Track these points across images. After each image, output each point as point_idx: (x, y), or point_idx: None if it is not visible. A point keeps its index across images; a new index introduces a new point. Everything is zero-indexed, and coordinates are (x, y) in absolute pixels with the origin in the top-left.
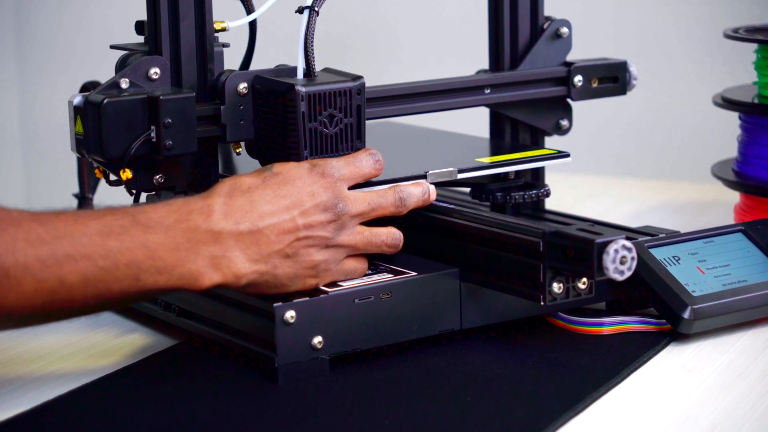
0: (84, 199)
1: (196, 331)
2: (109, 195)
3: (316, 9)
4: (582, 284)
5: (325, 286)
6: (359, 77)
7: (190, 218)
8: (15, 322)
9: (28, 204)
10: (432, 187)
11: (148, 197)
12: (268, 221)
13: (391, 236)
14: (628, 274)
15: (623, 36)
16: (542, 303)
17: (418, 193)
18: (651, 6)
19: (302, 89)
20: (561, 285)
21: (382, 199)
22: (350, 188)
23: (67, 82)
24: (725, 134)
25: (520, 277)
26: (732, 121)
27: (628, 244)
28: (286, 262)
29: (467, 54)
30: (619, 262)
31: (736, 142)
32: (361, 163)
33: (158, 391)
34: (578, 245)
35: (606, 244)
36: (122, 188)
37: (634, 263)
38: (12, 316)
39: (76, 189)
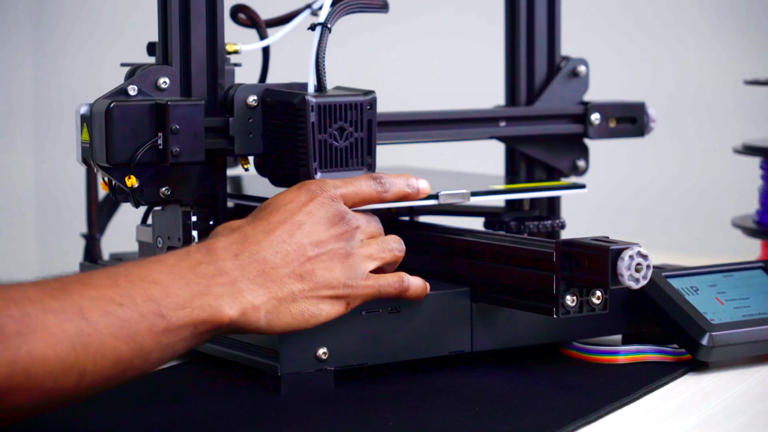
0: (92, 239)
1: (200, 348)
2: (116, 235)
3: (329, 26)
4: (596, 299)
5: None
6: (371, 92)
7: (190, 256)
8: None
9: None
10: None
11: (153, 214)
12: (267, 248)
13: (398, 241)
14: (643, 282)
15: (639, 81)
16: (555, 316)
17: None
18: (669, 53)
19: (312, 99)
20: (574, 297)
21: (371, 218)
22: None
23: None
24: (745, 184)
25: (532, 291)
26: (753, 170)
27: (643, 251)
28: (302, 285)
29: (483, 91)
30: (634, 269)
31: (756, 193)
32: (361, 185)
33: (159, 401)
34: (592, 253)
35: (621, 251)
36: (131, 226)
37: (650, 272)
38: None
39: (84, 229)
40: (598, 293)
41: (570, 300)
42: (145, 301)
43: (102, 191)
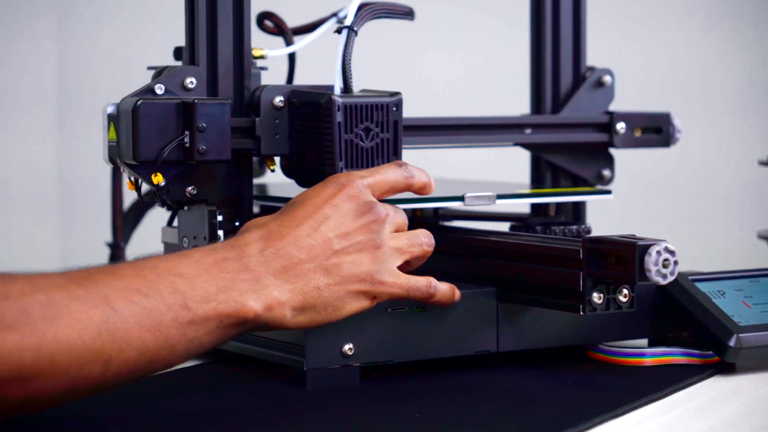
0: (117, 247)
1: (224, 347)
2: (141, 244)
3: (355, 29)
4: (623, 296)
5: None
6: (397, 93)
7: (216, 252)
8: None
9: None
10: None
11: (179, 214)
12: (291, 243)
13: (427, 236)
14: (670, 278)
15: (664, 92)
16: (582, 313)
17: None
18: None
19: (339, 99)
20: (601, 295)
21: (398, 210)
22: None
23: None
24: None
25: (559, 289)
26: None
27: (671, 247)
28: (329, 279)
29: (508, 100)
30: (661, 265)
31: None
32: (387, 173)
33: (184, 394)
34: (620, 249)
35: (648, 246)
36: (156, 235)
37: (677, 268)
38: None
39: (108, 238)
40: (625, 291)
41: (597, 297)
42: (170, 293)
43: (127, 201)
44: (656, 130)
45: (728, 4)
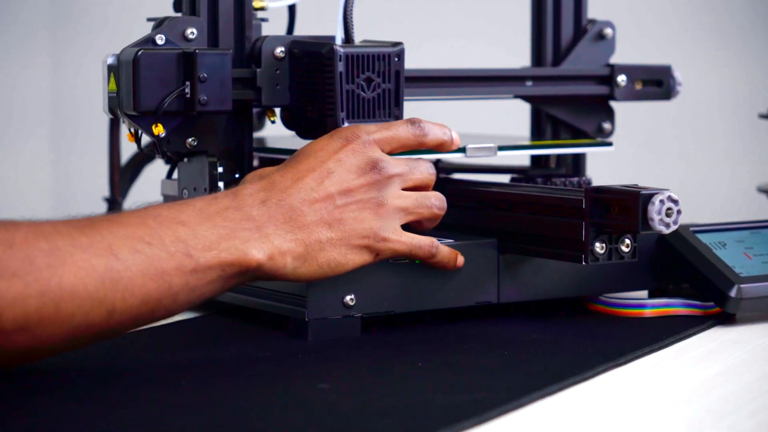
0: (114, 202)
1: (223, 298)
2: (139, 199)
3: None
4: (625, 246)
5: None
6: (399, 43)
7: (218, 201)
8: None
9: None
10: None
11: (179, 166)
12: (294, 194)
13: (439, 198)
14: (673, 227)
15: (662, 43)
16: (584, 263)
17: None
18: (695, 11)
19: (341, 49)
20: (603, 245)
21: (416, 164)
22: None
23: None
24: None
25: (561, 239)
26: None
27: (674, 196)
28: (331, 233)
29: (509, 52)
30: (665, 214)
31: None
32: (398, 130)
33: (185, 346)
34: (623, 198)
35: (651, 195)
36: (153, 190)
37: (680, 217)
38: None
39: (106, 192)
40: (627, 241)
41: (599, 247)
42: (173, 242)
43: (124, 156)
44: (657, 83)
45: None
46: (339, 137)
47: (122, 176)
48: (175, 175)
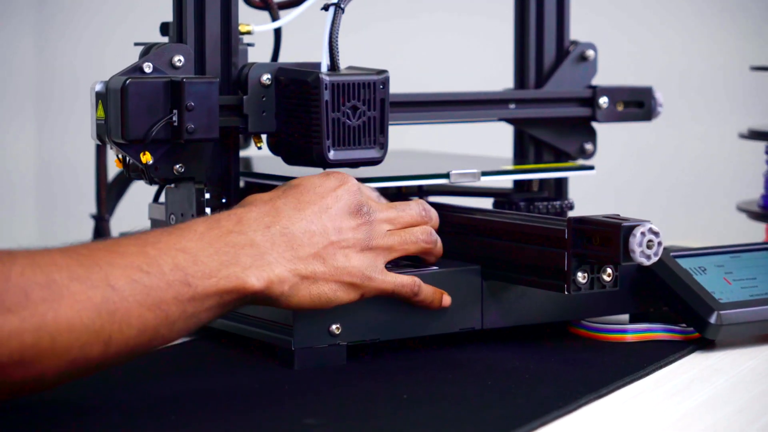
0: (101, 220)
1: (212, 324)
2: (126, 215)
3: (342, 6)
4: (607, 276)
5: None
6: (384, 71)
7: (221, 224)
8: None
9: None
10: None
11: (166, 191)
12: (297, 224)
13: (425, 232)
14: (654, 259)
15: (645, 68)
16: (567, 293)
17: (437, 216)
18: (674, 39)
19: (326, 78)
20: (585, 275)
21: (406, 206)
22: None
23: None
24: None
25: (543, 268)
26: (758, 155)
27: (654, 228)
28: (324, 267)
29: (492, 75)
30: (646, 245)
31: (761, 178)
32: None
33: (172, 375)
34: (604, 229)
35: (633, 227)
36: (140, 206)
37: (661, 249)
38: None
39: (92, 209)
40: (609, 270)
41: (581, 277)
42: (171, 270)
43: (111, 172)
44: (638, 104)
45: None
46: (334, 177)
47: (109, 193)
48: (162, 199)
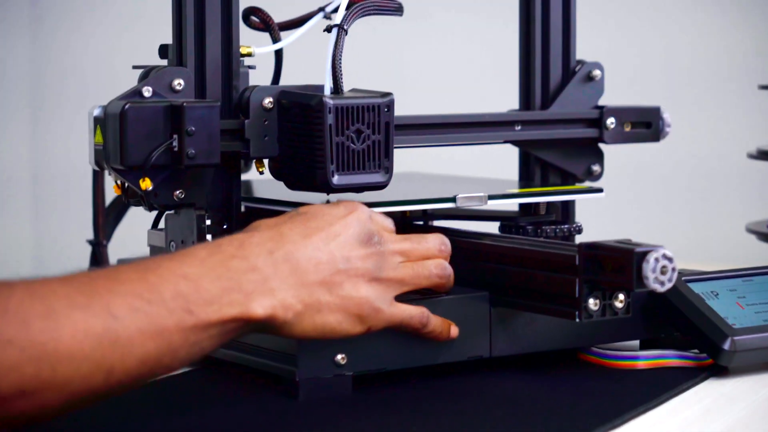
0: (99, 245)
1: (213, 354)
2: (124, 241)
3: (345, 27)
4: (619, 302)
5: None
6: (388, 94)
7: (222, 249)
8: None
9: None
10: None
11: (166, 218)
12: (302, 251)
13: (439, 266)
14: (668, 285)
15: (652, 85)
16: (578, 320)
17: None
18: (682, 55)
19: (330, 101)
20: (597, 301)
21: (423, 240)
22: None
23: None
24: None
25: (554, 294)
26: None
27: (668, 253)
28: (329, 297)
29: (497, 95)
30: (659, 272)
31: None
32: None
33: (173, 408)
34: (617, 255)
35: (646, 253)
36: (138, 232)
37: (675, 274)
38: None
39: (90, 235)
40: (621, 297)
41: (593, 304)
42: (173, 297)
43: (108, 197)
44: (646, 125)
45: None
46: (343, 205)
47: (106, 219)
48: (161, 225)
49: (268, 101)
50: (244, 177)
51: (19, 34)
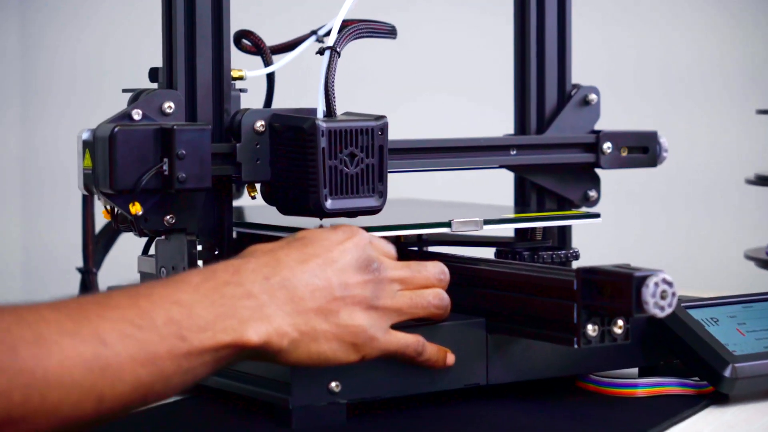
0: (88, 273)
1: (204, 381)
2: (113, 269)
3: (338, 50)
4: (618, 328)
5: None
6: (382, 117)
7: (217, 276)
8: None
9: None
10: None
11: (157, 243)
12: (299, 277)
13: (437, 296)
14: (668, 310)
15: (648, 108)
16: (576, 346)
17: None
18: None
19: (323, 124)
20: (596, 327)
21: (423, 268)
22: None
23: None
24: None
25: (551, 320)
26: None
27: (668, 278)
28: (325, 324)
29: (492, 119)
30: (659, 296)
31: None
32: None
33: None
34: (615, 280)
35: (645, 278)
36: (128, 259)
37: (675, 300)
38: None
39: (79, 263)
40: (620, 322)
41: (591, 329)
42: (165, 323)
43: (98, 223)
44: (643, 150)
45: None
46: (341, 230)
47: (96, 245)
48: (151, 251)
49: (260, 124)
50: (235, 203)
51: (8, 32)
